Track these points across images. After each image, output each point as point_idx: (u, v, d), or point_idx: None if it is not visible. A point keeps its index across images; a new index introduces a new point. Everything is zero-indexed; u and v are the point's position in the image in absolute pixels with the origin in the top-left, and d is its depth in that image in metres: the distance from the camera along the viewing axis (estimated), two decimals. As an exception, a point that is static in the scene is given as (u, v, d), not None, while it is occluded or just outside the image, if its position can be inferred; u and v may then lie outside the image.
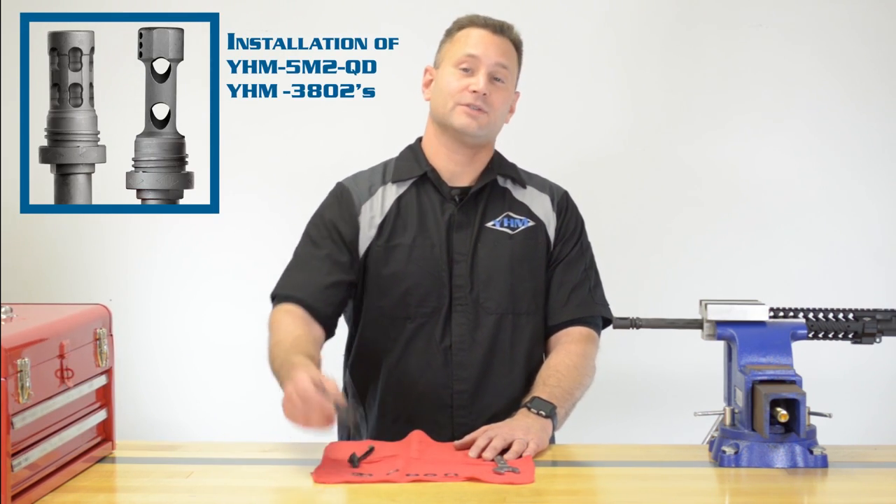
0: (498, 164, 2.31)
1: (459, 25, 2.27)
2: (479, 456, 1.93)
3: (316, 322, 2.18)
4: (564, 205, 2.33)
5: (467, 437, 2.00)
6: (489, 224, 2.26)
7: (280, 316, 2.18)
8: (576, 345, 2.24)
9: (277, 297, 2.23)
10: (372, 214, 2.25)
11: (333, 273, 2.22)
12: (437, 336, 2.21)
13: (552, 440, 2.10)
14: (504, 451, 1.94)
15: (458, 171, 2.27)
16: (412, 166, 2.28)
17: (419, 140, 2.33)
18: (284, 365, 1.98)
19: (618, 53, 3.28)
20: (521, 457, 1.93)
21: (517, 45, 2.29)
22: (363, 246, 2.25)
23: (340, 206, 2.27)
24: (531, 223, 2.28)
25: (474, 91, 2.18)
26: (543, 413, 2.06)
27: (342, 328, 2.34)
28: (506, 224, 2.27)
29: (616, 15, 3.28)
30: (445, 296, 2.22)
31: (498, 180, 2.30)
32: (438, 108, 2.24)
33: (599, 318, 2.30)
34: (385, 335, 2.24)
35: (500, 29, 2.25)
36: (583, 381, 2.20)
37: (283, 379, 1.95)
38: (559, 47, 3.28)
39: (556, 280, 2.28)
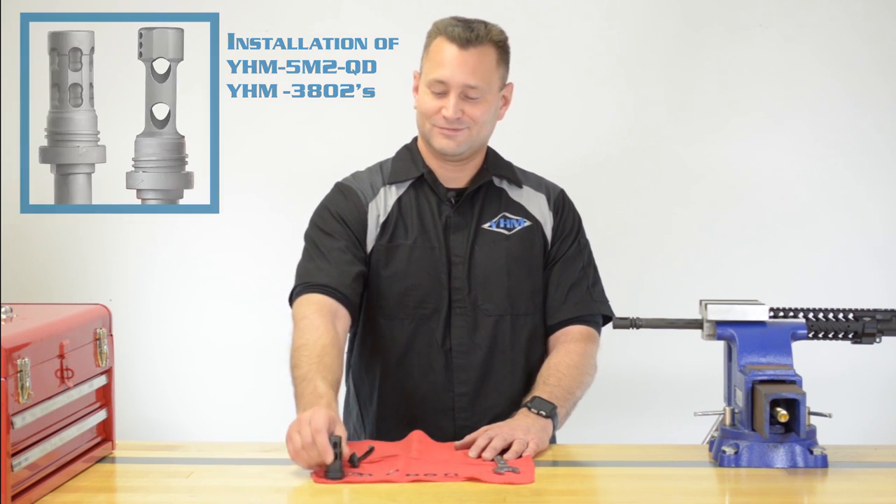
0: (492, 165, 2.29)
1: (437, 31, 2.18)
2: (479, 456, 1.93)
3: (344, 309, 2.13)
4: (561, 203, 2.31)
5: (467, 438, 2.00)
6: (486, 225, 2.25)
7: (305, 310, 2.11)
8: (576, 344, 2.23)
9: (302, 287, 2.16)
10: (378, 213, 2.24)
11: (356, 263, 2.18)
12: (438, 338, 2.20)
13: (553, 440, 2.11)
14: (504, 451, 1.95)
15: (451, 175, 2.26)
16: (409, 167, 2.27)
17: (416, 139, 2.32)
18: (306, 383, 1.97)
19: (619, 53, 3.28)
20: (521, 457, 1.93)
21: (496, 44, 2.18)
22: (369, 245, 2.23)
23: (347, 201, 2.23)
24: (528, 223, 2.27)
25: (445, 117, 2.15)
26: (544, 413, 2.06)
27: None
28: (502, 225, 2.26)
29: (617, 15, 3.28)
30: (445, 297, 2.21)
31: (494, 180, 2.29)
32: (419, 126, 2.23)
33: (599, 315, 2.30)
34: (384, 336, 2.23)
35: (469, 41, 2.14)
36: (583, 380, 2.19)
37: (301, 398, 1.95)
38: (560, 47, 3.28)
39: (553, 279, 2.28)
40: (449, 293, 2.21)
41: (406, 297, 2.21)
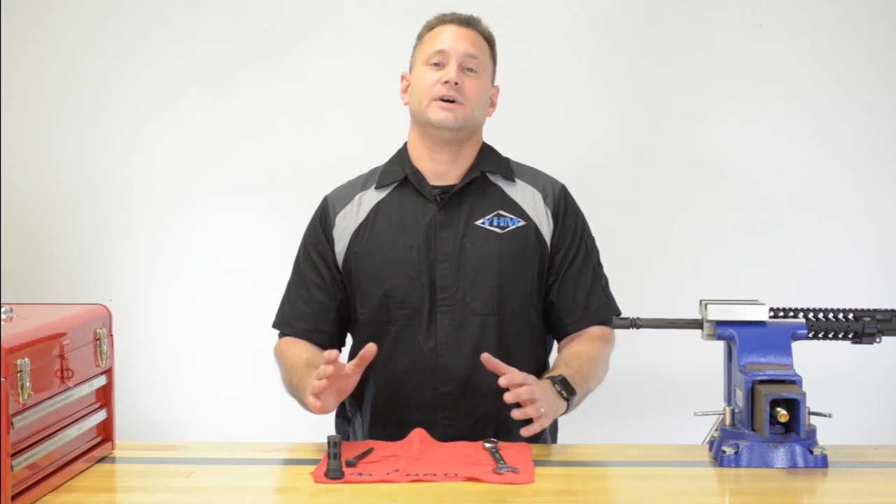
0: (483, 160, 2.28)
1: (428, 27, 2.27)
2: (508, 388, 1.95)
3: (320, 348, 2.25)
4: (562, 205, 2.28)
5: (506, 367, 2.00)
6: (478, 222, 2.23)
7: (284, 347, 2.28)
8: (597, 341, 2.24)
9: (280, 333, 2.32)
10: (346, 224, 2.26)
11: (317, 299, 2.27)
12: (421, 338, 2.20)
13: (554, 440, 2.10)
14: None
15: (442, 170, 2.25)
16: (396, 171, 2.28)
17: (406, 144, 2.32)
18: (303, 380, 2.07)
19: (618, 54, 3.28)
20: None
21: (487, 38, 2.27)
22: (340, 258, 2.26)
23: (317, 226, 2.30)
24: (522, 223, 2.24)
25: (446, 81, 2.17)
26: (564, 395, 2.06)
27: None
28: (495, 223, 2.23)
29: (617, 15, 3.27)
30: (425, 297, 2.19)
31: (488, 177, 2.27)
32: (415, 108, 2.24)
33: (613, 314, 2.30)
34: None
35: (468, 22, 2.25)
36: (597, 375, 2.20)
37: (303, 389, 2.04)
38: (557, 48, 3.28)
39: (568, 286, 2.25)
40: (432, 292, 2.20)
41: (387, 300, 2.21)
